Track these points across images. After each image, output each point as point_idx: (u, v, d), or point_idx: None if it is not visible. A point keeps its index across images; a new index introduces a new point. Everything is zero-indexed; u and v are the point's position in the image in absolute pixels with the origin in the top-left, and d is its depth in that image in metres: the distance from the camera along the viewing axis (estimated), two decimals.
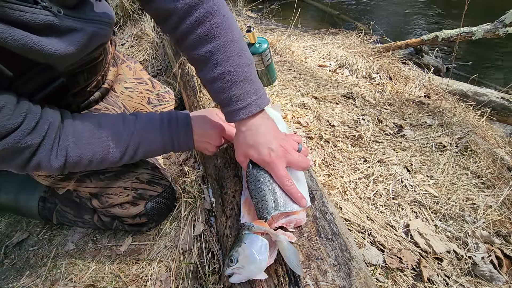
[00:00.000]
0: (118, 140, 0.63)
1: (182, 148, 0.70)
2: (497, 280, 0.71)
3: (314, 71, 1.72)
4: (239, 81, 0.57)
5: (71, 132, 0.59)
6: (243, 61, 0.57)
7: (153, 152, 0.69)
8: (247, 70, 0.58)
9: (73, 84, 0.74)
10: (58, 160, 0.57)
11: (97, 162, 0.62)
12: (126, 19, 2.35)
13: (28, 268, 0.87)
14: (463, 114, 1.44)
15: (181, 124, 0.69)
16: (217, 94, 0.59)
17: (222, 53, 0.56)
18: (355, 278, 0.49)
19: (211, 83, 0.59)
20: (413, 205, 0.91)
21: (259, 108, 0.58)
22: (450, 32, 1.91)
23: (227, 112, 0.60)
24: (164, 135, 0.67)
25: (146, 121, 0.67)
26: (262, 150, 0.57)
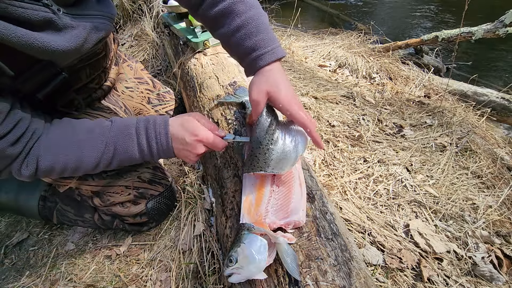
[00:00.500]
0: (92, 148, 0.61)
1: (161, 156, 0.67)
2: (497, 280, 0.71)
3: (314, 71, 1.72)
4: (261, 28, 0.60)
5: (44, 141, 0.58)
6: (261, 11, 0.62)
7: (130, 160, 0.65)
8: (265, 20, 0.62)
9: (75, 80, 0.74)
10: (28, 169, 0.57)
11: (71, 170, 0.61)
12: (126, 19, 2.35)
13: (28, 268, 0.87)
14: (463, 114, 1.44)
15: (158, 131, 0.65)
16: (241, 43, 0.61)
17: (242, 4, 0.61)
18: (355, 278, 0.49)
19: (234, 33, 0.61)
20: (413, 205, 0.91)
21: (281, 54, 0.61)
22: (450, 32, 1.91)
23: (252, 59, 0.61)
24: (140, 143, 0.64)
25: (122, 127, 0.64)
26: (284, 89, 0.59)
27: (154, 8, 2.01)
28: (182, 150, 0.66)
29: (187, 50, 1.27)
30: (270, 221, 0.56)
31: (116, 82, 0.99)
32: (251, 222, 0.55)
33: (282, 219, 0.56)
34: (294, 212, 0.56)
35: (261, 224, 0.54)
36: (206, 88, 1.03)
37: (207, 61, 1.15)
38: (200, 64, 1.15)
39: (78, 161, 0.60)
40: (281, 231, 0.55)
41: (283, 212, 0.57)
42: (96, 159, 0.61)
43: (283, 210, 0.57)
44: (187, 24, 1.24)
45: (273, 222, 0.56)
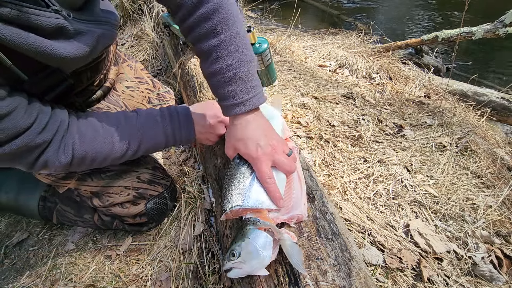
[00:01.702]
0: (120, 136, 0.64)
1: (183, 141, 0.72)
2: (497, 280, 0.71)
3: (314, 71, 1.72)
4: (237, 78, 0.58)
5: (76, 130, 0.60)
6: (244, 58, 0.59)
7: (156, 146, 0.70)
8: (246, 68, 0.59)
9: (77, 83, 0.74)
10: (66, 156, 0.58)
11: (101, 159, 0.63)
12: (126, 19, 2.35)
13: (28, 268, 0.87)
14: (463, 114, 1.44)
15: (182, 117, 0.70)
16: (215, 88, 0.62)
17: (223, 49, 0.57)
18: (355, 278, 0.49)
19: (211, 77, 0.61)
20: (413, 205, 0.91)
21: (254, 106, 0.59)
22: (450, 32, 1.91)
23: (223, 106, 0.62)
24: (166, 129, 0.68)
25: (147, 116, 0.68)
26: (249, 144, 0.58)
27: (154, 8, 2.01)
28: (205, 133, 0.72)
29: (187, 50, 1.27)
30: (273, 217, 0.55)
31: (116, 82, 0.99)
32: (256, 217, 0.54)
33: (285, 214, 0.56)
34: (296, 206, 0.56)
35: (267, 219, 0.53)
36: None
37: None
38: None
39: (108, 149, 0.62)
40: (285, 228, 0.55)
41: (285, 207, 0.57)
42: (124, 147, 0.64)
43: (285, 205, 0.57)
44: None
45: (276, 217, 0.55)
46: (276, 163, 0.59)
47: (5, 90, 0.48)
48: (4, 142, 0.50)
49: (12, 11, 0.44)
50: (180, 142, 0.72)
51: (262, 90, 0.62)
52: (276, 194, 0.56)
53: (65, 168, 0.60)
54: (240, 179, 0.58)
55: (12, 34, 0.45)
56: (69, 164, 0.60)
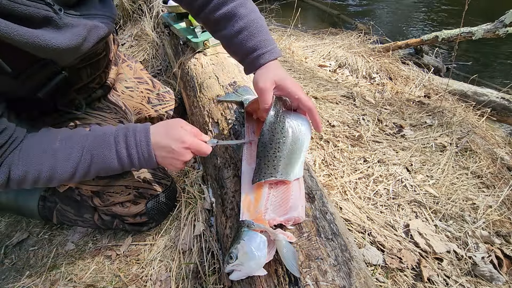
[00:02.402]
0: (67, 157, 0.59)
1: (143, 165, 0.64)
2: (497, 280, 0.71)
3: (314, 71, 1.72)
4: (261, 30, 0.65)
5: (21, 149, 0.57)
6: (260, 15, 0.68)
7: (109, 170, 0.63)
8: (264, 23, 0.67)
9: (76, 80, 0.74)
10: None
11: (44, 180, 0.58)
12: (126, 19, 2.35)
13: (28, 268, 0.87)
14: (463, 114, 1.44)
15: (139, 139, 0.62)
16: (243, 43, 0.65)
17: (244, 8, 0.65)
18: (355, 278, 0.49)
19: (237, 35, 0.65)
20: (413, 205, 0.91)
21: (279, 54, 0.66)
22: (450, 32, 1.91)
23: (254, 58, 0.65)
24: (119, 152, 0.61)
25: (100, 135, 0.62)
26: (287, 78, 0.63)
27: (154, 8, 2.01)
28: (168, 158, 0.64)
29: (187, 50, 1.27)
30: (270, 218, 0.56)
31: (116, 82, 0.99)
32: (250, 219, 0.55)
33: (282, 216, 0.56)
34: (294, 208, 0.56)
35: (261, 221, 0.54)
36: (206, 88, 1.03)
37: (207, 61, 1.15)
38: (200, 64, 1.15)
39: (52, 170, 0.58)
40: (281, 229, 0.55)
41: (283, 208, 0.57)
42: (71, 168, 0.59)
43: (283, 206, 0.57)
44: (187, 24, 1.24)
45: (272, 219, 0.56)
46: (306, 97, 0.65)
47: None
48: None
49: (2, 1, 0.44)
50: (140, 166, 0.64)
51: None
52: (319, 121, 0.64)
53: (2, 188, 0.56)
54: (273, 149, 0.61)
55: (2, 25, 0.44)
56: (5, 185, 0.56)
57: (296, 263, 0.48)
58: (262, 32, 0.65)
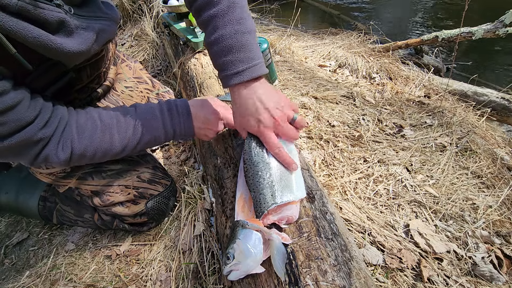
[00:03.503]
0: (119, 131, 0.64)
1: (182, 135, 0.72)
2: (497, 280, 0.71)
3: (314, 71, 1.72)
4: (232, 48, 0.57)
5: (75, 125, 0.60)
6: (240, 28, 0.58)
7: (155, 141, 0.70)
8: (242, 38, 0.57)
9: (77, 80, 0.75)
10: (64, 153, 0.58)
11: (100, 154, 0.63)
12: (126, 19, 2.35)
13: (28, 268, 0.87)
14: (463, 114, 1.44)
15: (181, 111, 0.70)
16: (214, 58, 0.62)
17: (221, 19, 0.57)
18: (355, 278, 0.49)
19: (210, 47, 0.61)
20: (413, 205, 0.91)
21: (249, 77, 0.58)
22: (450, 32, 1.91)
23: (221, 77, 0.62)
24: (165, 123, 0.68)
25: (146, 110, 0.68)
26: (251, 121, 0.60)
27: (154, 8, 2.01)
28: (203, 129, 0.72)
29: (187, 50, 1.27)
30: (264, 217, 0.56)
31: (115, 82, 0.99)
32: (245, 219, 0.56)
33: (276, 215, 0.56)
34: (288, 207, 0.56)
35: (255, 221, 0.55)
36: (206, 88, 1.03)
37: (207, 61, 1.15)
38: (200, 64, 1.15)
39: (108, 144, 0.62)
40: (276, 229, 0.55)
41: (277, 207, 0.57)
42: (123, 141, 0.64)
43: (276, 211, 0.57)
44: (187, 24, 1.24)
45: (266, 217, 0.56)
46: (280, 133, 0.61)
47: (9, 83, 0.49)
48: (6, 135, 0.50)
49: (19, 2, 0.44)
50: (179, 137, 0.72)
51: (261, 61, 0.60)
52: (287, 159, 0.59)
53: (66, 164, 0.60)
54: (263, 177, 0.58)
55: (18, 27, 0.45)
56: (69, 160, 0.59)
57: (284, 265, 0.49)
58: (234, 50, 0.57)
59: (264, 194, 0.56)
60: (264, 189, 0.57)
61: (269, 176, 0.58)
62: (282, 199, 0.56)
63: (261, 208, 0.55)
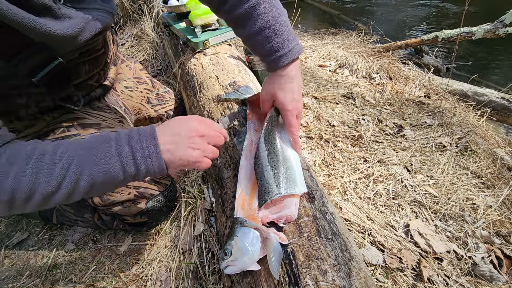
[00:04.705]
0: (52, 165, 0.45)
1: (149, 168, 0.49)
2: (497, 280, 0.71)
3: (314, 71, 1.72)
4: (280, 30, 0.63)
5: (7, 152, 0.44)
6: (279, 11, 0.64)
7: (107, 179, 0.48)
8: (283, 19, 0.64)
9: (74, 74, 0.75)
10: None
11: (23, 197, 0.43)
12: (126, 19, 2.35)
13: (28, 268, 0.87)
14: (463, 114, 1.44)
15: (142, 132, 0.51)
16: (261, 45, 0.65)
17: (262, 7, 0.62)
18: (355, 278, 0.49)
19: (255, 36, 0.64)
20: (413, 205, 0.91)
21: (298, 53, 0.65)
22: (450, 32, 1.91)
23: (272, 60, 0.65)
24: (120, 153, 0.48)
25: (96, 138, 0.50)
26: (288, 96, 0.65)
27: (154, 8, 2.01)
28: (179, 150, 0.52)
29: (187, 50, 1.27)
30: (263, 215, 0.57)
31: (115, 82, 0.99)
32: (244, 216, 0.57)
33: (275, 213, 0.57)
34: (287, 206, 0.57)
35: (254, 219, 0.55)
36: (206, 88, 1.03)
37: (207, 61, 1.15)
38: (200, 64, 1.15)
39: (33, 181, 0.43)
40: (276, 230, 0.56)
41: (276, 206, 0.58)
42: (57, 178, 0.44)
43: (276, 204, 0.58)
44: (187, 24, 1.24)
45: (265, 216, 0.57)
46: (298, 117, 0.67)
47: None
48: None
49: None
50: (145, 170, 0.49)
51: (298, 39, 0.67)
52: (299, 143, 0.67)
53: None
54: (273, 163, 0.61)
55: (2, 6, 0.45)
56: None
57: (279, 265, 0.50)
58: (281, 32, 0.63)
59: (270, 183, 0.58)
60: (270, 179, 0.59)
61: (277, 167, 0.61)
62: (286, 191, 0.57)
63: (264, 197, 0.57)
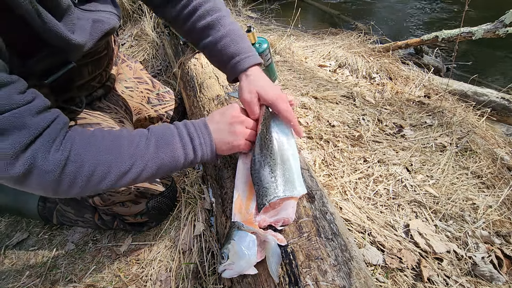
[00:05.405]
0: (130, 142, 0.54)
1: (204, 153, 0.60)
2: (497, 280, 0.71)
3: (314, 71, 1.72)
4: (242, 38, 0.70)
5: (79, 130, 0.52)
6: (239, 27, 0.73)
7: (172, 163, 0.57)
8: (244, 34, 0.73)
9: (78, 76, 0.75)
10: (58, 155, 0.46)
11: (103, 169, 0.51)
12: (126, 19, 2.35)
13: (28, 268, 0.87)
14: (463, 114, 1.44)
15: (197, 124, 0.61)
16: (225, 49, 0.69)
17: (226, 19, 0.71)
18: (355, 278, 0.49)
19: (219, 41, 0.69)
20: (413, 205, 0.91)
21: (259, 60, 0.70)
22: (450, 32, 1.91)
23: (235, 63, 0.68)
24: (182, 138, 0.58)
25: (160, 127, 0.60)
26: (268, 89, 0.65)
27: None
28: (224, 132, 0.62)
29: (187, 50, 1.27)
30: (260, 219, 0.57)
31: (116, 82, 0.99)
32: (241, 221, 0.57)
33: (272, 217, 0.57)
34: (284, 208, 0.57)
35: (251, 223, 0.55)
36: (206, 88, 1.03)
37: (207, 61, 1.15)
38: (200, 64, 1.15)
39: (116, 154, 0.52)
40: (272, 230, 0.56)
41: (274, 210, 0.58)
42: (134, 155, 0.53)
43: (275, 208, 0.58)
44: None
45: (263, 219, 0.57)
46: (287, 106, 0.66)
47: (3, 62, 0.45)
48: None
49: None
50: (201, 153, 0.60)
51: None
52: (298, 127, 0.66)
53: (55, 176, 0.46)
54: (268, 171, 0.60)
55: None
56: (60, 171, 0.46)
57: (279, 267, 0.50)
58: (243, 40, 0.70)
59: (267, 187, 0.58)
60: (267, 183, 0.58)
61: (274, 170, 0.60)
62: (285, 193, 0.57)
63: (263, 201, 0.57)
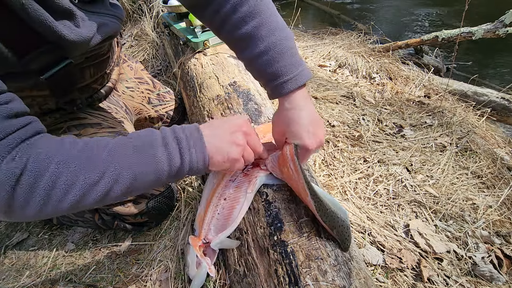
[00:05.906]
0: (101, 153, 0.44)
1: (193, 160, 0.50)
2: (497, 280, 0.71)
3: (314, 71, 1.72)
4: (283, 54, 0.56)
5: (44, 142, 0.43)
6: (284, 34, 0.58)
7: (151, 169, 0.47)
8: (288, 43, 0.58)
9: (79, 78, 0.75)
10: (14, 163, 0.38)
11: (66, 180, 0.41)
12: (126, 19, 2.35)
13: (28, 268, 0.87)
14: (463, 114, 1.44)
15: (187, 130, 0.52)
16: (263, 69, 0.58)
17: (266, 28, 0.56)
18: (355, 278, 0.49)
19: (257, 58, 0.57)
20: (413, 205, 0.91)
21: (305, 79, 0.57)
22: (450, 32, 1.91)
23: (274, 87, 0.58)
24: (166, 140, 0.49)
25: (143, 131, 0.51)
26: (305, 135, 0.57)
27: (154, 8, 2.01)
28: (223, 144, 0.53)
29: (187, 50, 1.27)
30: (211, 237, 0.64)
31: (117, 82, 0.99)
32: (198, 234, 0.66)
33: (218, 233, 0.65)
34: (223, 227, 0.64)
35: (196, 244, 0.64)
36: (206, 88, 1.03)
37: (207, 61, 1.15)
38: (200, 64, 1.15)
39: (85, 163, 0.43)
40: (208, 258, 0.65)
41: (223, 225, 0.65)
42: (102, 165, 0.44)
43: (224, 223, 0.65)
44: (187, 24, 1.24)
45: (213, 237, 0.64)
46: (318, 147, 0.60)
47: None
48: None
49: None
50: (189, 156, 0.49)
51: (306, 65, 0.59)
52: None
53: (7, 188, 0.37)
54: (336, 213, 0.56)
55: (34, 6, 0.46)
56: (16, 179, 0.38)
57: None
58: (285, 55, 0.56)
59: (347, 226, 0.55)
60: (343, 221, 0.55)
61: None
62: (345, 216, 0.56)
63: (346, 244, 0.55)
